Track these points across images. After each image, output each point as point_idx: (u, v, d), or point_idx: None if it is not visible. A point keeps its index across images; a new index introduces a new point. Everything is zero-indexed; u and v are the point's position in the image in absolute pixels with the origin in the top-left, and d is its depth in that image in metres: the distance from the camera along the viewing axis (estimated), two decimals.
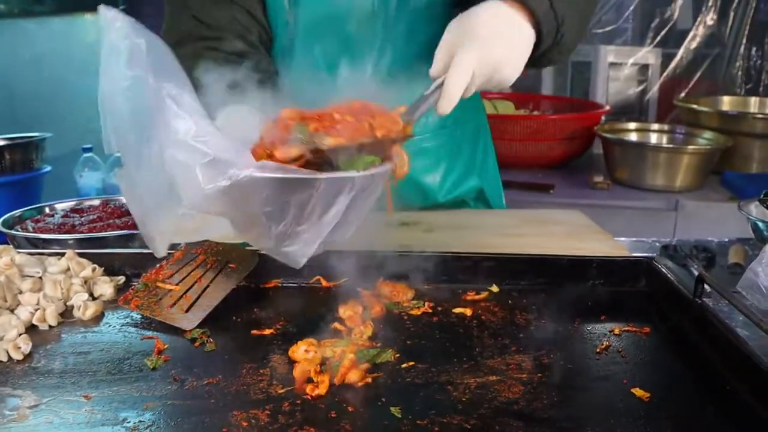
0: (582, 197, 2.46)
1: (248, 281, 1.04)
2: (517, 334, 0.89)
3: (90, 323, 0.94)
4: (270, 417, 0.70)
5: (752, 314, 0.78)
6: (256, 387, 0.76)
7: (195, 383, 0.78)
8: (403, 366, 0.81)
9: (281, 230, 0.78)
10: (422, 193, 1.45)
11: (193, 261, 1.01)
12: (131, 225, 1.23)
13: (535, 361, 0.82)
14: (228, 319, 0.94)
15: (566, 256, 1.06)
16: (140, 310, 0.94)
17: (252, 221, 0.80)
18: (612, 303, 1.00)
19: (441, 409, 0.71)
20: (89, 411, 0.72)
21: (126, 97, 0.77)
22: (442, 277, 1.05)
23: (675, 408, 0.73)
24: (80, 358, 0.84)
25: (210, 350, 0.86)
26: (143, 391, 0.76)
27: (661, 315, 0.95)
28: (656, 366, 0.82)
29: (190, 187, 0.73)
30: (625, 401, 0.73)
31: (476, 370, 0.80)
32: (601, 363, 0.82)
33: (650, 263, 1.04)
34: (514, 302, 0.99)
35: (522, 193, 2.51)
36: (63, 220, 1.26)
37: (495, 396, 0.74)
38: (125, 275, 1.07)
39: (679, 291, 0.93)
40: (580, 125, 2.77)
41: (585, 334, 0.90)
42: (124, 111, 0.78)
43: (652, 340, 0.88)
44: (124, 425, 0.69)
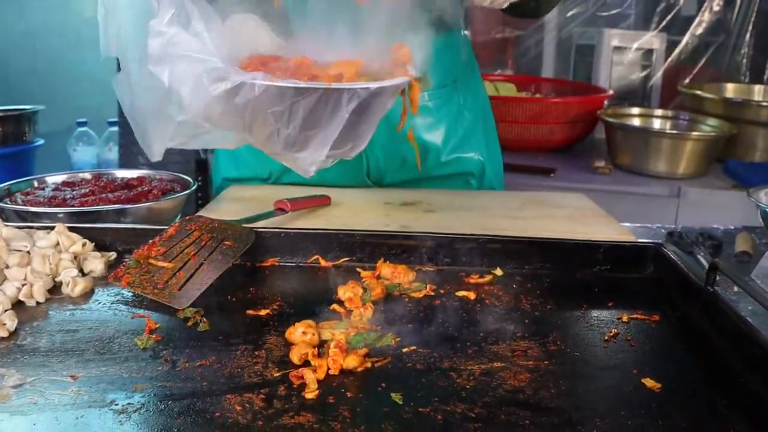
0: (583, 182, 2.43)
1: (244, 259, 1.00)
2: (522, 320, 0.86)
3: (79, 300, 0.91)
4: (265, 401, 0.67)
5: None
6: (251, 370, 0.73)
7: (187, 365, 0.74)
8: (404, 350, 0.78)
9: (290, 133, 0.80)
10: (421, 151, 1.43)
11: (187, 237, 0.98)
12: (124, 200, 1.19)
13: (542, 347, 0.79)
14: (223, 298, 0.91)
15: (573, 240, 1.03)
16: (131, 287, 0.90)
17: (258, 123, 0.81)
18: (619, 289, 0.97)
19: (444, 396, 0.68)
20: (76, 392, 0.69)
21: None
22: (445, 259, 1.02)
23: (686, 400, 0.70)
24: (68, 336, 0.81)
25: (203, 330, 0.82)
26: (133, 372, 0.73)
27: (670, 303, 0.92)
28: (666, 355, 0.79)
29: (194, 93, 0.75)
30: (635, 392, 0.70)
31: (480, 356, 0.77)
32: (610, 351, 0.79)
33: (659, 249, 1.01)
34: (519, 287, 0.96)
35: (522, 176, 2.47)
36: (54, 194, 1.22)
37: (500, 384, 0.71)
38: (117, 251, 1.04)
39: (689, 279, 0.90)
40: (583, 109, 2.73)
41: (592, 320, 0.87)
42: (128, 13, 0.78)
43: (662, 329, 0.85)
44: (112, 407, 0.66)
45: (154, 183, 1.30)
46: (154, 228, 1.05)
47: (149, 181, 1.31)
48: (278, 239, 1.04)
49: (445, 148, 1.47)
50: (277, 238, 1.04)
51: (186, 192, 1.24)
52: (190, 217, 1.04)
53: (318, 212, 1.29)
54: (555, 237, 1.05)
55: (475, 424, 0.64)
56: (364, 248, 1.03)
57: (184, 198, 1.24)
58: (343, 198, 1.36)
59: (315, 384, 0.70)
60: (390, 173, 1.48)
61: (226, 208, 1.31)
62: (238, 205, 1.33)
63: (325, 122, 0.81)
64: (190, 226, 1.00)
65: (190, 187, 1.27)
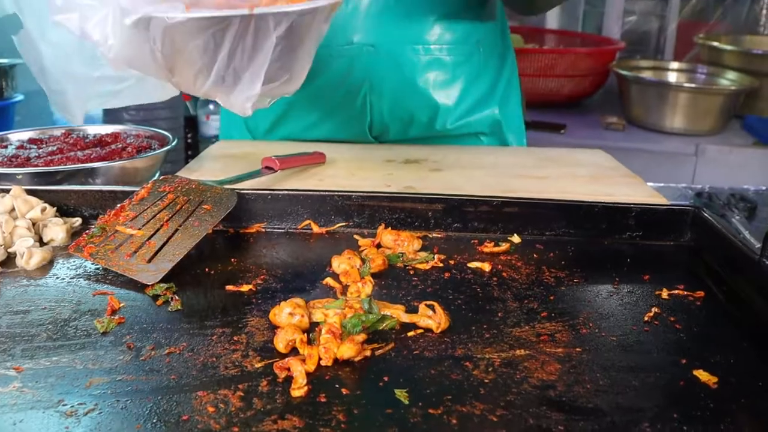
0: (595, 138, 2.31)
1: (225, 225, 0.88)
2: (546, 297, 0.74)
3: (35, 274, 0.79)
4: (243, 400, 0.56)
5: None
6: (228, 359, 0.61)
7: (153, 353, 0.63)
8: (410, 335, 0.66)
9: (218, 67, 0.77)
10: (432, 109, 1.31)
11: (161, 201, 0.85)
12: (95, 158, 1.06)
13: (572, 331, 0.67)
14: (199, 271, 0.79)
15: (600, 202, 0.90)
16: (94, 258, 0.78)
17: (181, 62, 0.78)
18: (654, 260, 0.85)
19: (458, 393, 0.57)
20: (18, 388, 0.57)
21: None
22: (455, 224, 0.90)
23: (749, 396, 0.58)
24: (17, 318, 0.69)
25: (174, 310, 0.70)
26: (88, 363, 0.61)
27: (715, 276, 0.80)
28: (718, 341, 0.67)
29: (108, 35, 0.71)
30: (687, 387, 0.59)
31: (500, 341, 0.65)
32: (652, 336, 0.67)
33: (698, 214, 0.88)
34: (540, 256, 0.84)
35: (530, 132, 2.33)
36: (16, 152, 1.09)
37: (525, 377, 0.59)
38: (82, 217, 0.92)
39: (739, 249, 0.78)
40: (593, 61, 2.59)
41: (627, 297, 0.75)
42: None
43: (709, 308, 0.73)
44: (58, 408, 0.55)
45: (129, 140, 1.16)
46: (125, 190, 0.92)
47: (124, 138, 1.17)
48: (264, 202, 0.91)
49: (455, 111, 1.34)
50: (264, 200, 0.91)
51: (163, 149, 1.11)
52: (164, 177, 0.91)
53: (311, 171, 1.16)
54: (579, 199, 0.92)
55: (497, 430, 0.52)
56: (363, 212, 0.91)
57: (162, 156, 1.11)
58: (340, 155, 1.23)
59: (304, 378, 0.58)
60: (395, 129, 1.35)
61: (208, 167, 1.19)
62: (223, 163, 1.21)
63: (253, 52, 0.76)
64: (164, 188, 0.88)
65: (169, 143, 1.14)
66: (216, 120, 2.66)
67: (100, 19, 0.72)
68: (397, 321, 0.68)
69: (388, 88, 1.28)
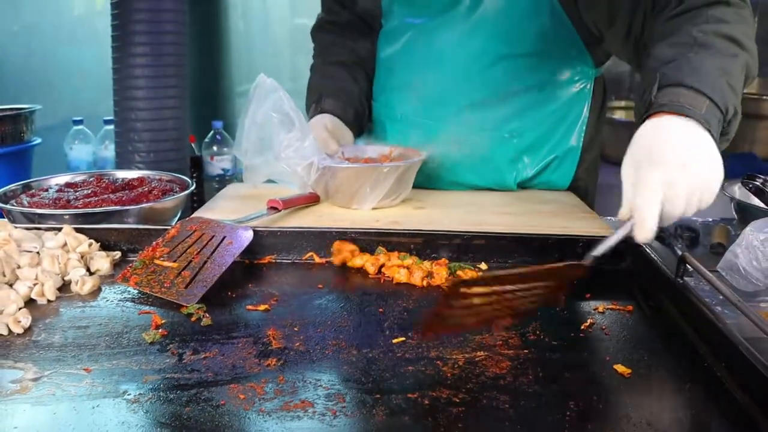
0: None
1: (243, 257, 1.06)
2: (505, 312, 0.92)
3: (88, 298, 0.96)
4: (265, 390, 0.73)
5: (731, 295, 0.81)
6: (252, 361, 0.79)
7: (192, 357, 0.80)
8: (394, 342, 0.83)
9: (360, 192, 1.36)
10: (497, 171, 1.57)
11: (189, 238, 1.03)
12: (126, 201, 1.25)
13: (522, 338, 0.85)
14: (223, 294, 0.96)
15: (553, 235, 1.09)
16: (139, 287, 0.96)
17: (342, 188, 1.38)
18: (597, 281, 1.02)
19: (431, 383, 0.74)
20: (90, 383, 0.74)
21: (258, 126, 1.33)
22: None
23: (655, 384, 0.76)
24: (79, 332, 0.86)
25: (206, 325, 0.88)
26: (142, 365, 0.78)
27: (644, 293, 0.98)
28: (638, 343, 0.85)
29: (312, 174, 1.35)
30: (607, 377, 0.76)
31: (465, 346, 0.82)
32: (585, 340, 0.85)
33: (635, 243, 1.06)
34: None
35: None
36: (58, 195, 1.27)
37: (483, 371, 0.77)
38: (121, 250, 1.09)
39: (661, 270, 0.96)
40: None
41: (570, 312, 0.93)
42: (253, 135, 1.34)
43: (635, 318, 0.91)
44: (125, 397, 0.72)
45: (153, 183, 1.35)
46: (156, 228, 1.10)
47: (149, 182, 1.36)
48: (275, 237, 1.10)
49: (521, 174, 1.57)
50: (274, 236, 1.09)
51: (186, 192, 1.30)
52: (189, 218, 1.09)
53: (310, 209, 1.35)
54: (536, 232, 1.11)
55: (458, 408, 0.70)
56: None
57: (184, 198, 1.30)
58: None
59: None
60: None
61: (222, 207, 1.37)
62: (234, 203, 1.39)
63: (375, 185, 1.35)
64: (190, 227, 1.06)
65: (188, 187, 1.33)
66: (219, 160, 2.83)
67: (306, 166, 1.34)
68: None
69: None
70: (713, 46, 1.00)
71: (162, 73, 2.32)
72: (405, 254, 1.05)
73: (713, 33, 1.02)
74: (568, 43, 1.42)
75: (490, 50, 1.41)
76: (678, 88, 0.96)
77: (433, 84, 1.48)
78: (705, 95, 0.95)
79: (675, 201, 0.89)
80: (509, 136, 1.48)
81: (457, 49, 1.44)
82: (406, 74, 1.52)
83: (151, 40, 2.28)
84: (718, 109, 0.95)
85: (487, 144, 1.49)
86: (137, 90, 2.30)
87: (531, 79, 1.44)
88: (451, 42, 1.44)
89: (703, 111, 0.94)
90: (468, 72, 1.44)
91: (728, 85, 0.97)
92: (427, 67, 1.48)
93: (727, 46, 1.01)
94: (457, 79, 1.45)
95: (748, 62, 1.03)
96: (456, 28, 1.43)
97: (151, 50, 2.28)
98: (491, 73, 1.43)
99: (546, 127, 1.49)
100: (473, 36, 1.41)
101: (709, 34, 1.02)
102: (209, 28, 3.11)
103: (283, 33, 3.13)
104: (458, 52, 1.44)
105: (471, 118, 1.47)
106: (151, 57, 2.29)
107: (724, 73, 0.98)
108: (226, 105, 3.15)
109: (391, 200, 1.38)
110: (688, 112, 0.93)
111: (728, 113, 0.97)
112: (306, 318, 0.90)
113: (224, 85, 3.16)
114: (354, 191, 1.35)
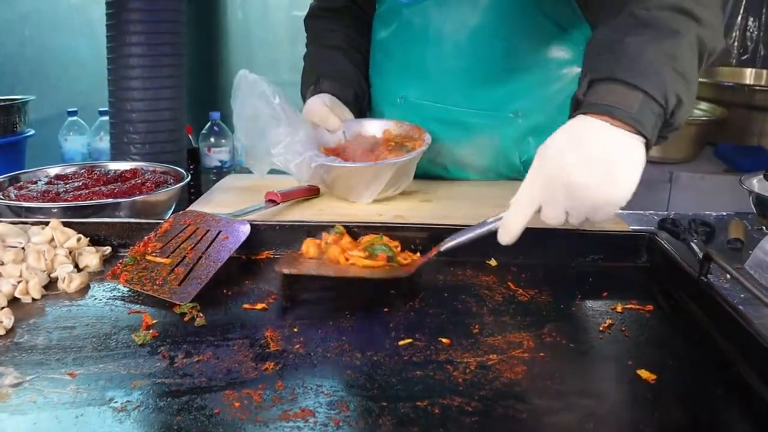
0: None
1: (239, 252, 1.00)
2: (517, 312, 0.87)
3: (75, 296, 0.91)
4: (262, 397, 0.67)
5: (764, 295, 0.76)
6: (248, 365, 0.74)
7: (185, 360, 0.75)
8: (400, 344, 0.78)
9: (357, 187, 1.30)
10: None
11: (182, 232, 0.98)
12: (118, 193, 1.19)
13: (537, 340, 0.79)
14: (218, 292, 0.91)
15: (567, 230, 1.03)
16: (130, 284, 0.90)
17: (337, 183, 1.31)
18: (613, 279, 0.97)
19: (441, 389, 0.69)
20: (74, 390, 0.69)
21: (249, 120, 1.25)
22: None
23: (681, 390, 0.70)
24: (65, 333, 0.81)
25: (200, 325, 0.83)
26: (131, 369, 0.73)
27: (663, 292, 0.93)
28: (661, 346, 0.79)
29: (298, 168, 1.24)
30: (631, 384, 0.71)
31: (476, 348, 0.77)
32: (605, 342, 0.80)
33: (652, 238, 1.01)
34: (513, 277, 0.97)
35: None
36: (47, 188, 1.22)
37: (496, 377, 0.71)
38: (111, 245, 1.04)
39: (682, 268, 0.91)
40: None
41: (587, 311, 0.88)
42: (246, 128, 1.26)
43: (656, 319, 0.86)
44: (110, 405, 0.66)
45: (147, 175, 1.29)
46: (149, 222, 1.05)
47: (142, 174, 1.30)
48: (273, 231, 1.04)
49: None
50: (272, 230, 1.04)
51: (180, 184, 1.24)
52: (183, 212, 1.04)
53: (310, 202, 1.29)
54: (549, 227, 1.05)
55: (472, 417, 0.64)
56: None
57: (179, 190, 1.24)
58: None
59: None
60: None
61: (219, 199, 1.31)
62: (232, 195, 1.34)
63: (374, 179, 1.28)
64: (184, 221, 1.00)
65: (183, 179, 1.27)
66: (216, 152, 2.78)
67: (298, 162, 1.23)
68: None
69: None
70: (655, 25, 0.90)
71: (158, 63, 2.26)
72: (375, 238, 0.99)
73: (657, 7, 0.91)
74: (570, 18, 1.37)
75: (488, 25, 1.35)
76: (610, 84, 0.88)
77: (433, 63, 1.41)
78: (639, 89, 0.86)
79: (550, 215, 0.88)
80: (514, 116, 1.42)
81: (455, 25, 1.38)
82: (404, 55, 1.46)
83: (147, 29, 2.22)
84: (656, 103, 0.87)
85: (491, 124, 1.43)
86: (132, 80, 2.24)
87: (533, 56, 1.39)
88: (448, 18, 1.38)
89: (635, 110, 0.86)
90: (467, 48, 1.38)
91: (674, 71, 0.88)
92: (425, 46, 1.41)
93: (674, 21, 0.90)
94: (456, 56, 1.39)
95: (700, 36, 0.91)
96: (452, 3, 1.37)
97: (146, 39, 2.22)
98: (491, 49, 1.37)
99: (551, 108, 1.43)
100: (471, 11, 1.36)
101: (652, 9, 0.91)
102: (207, 18, 3.05)
103: (282, 23, 3.07)
104: (457, 28, 1.37)
105: (473, 97, 1.41)
106: (146, 46, 2.23)
107: (668, 58, 0.88)
108: (224, 96, 3.09)
109: (391, 191, 1.32)
110: (616, 113, 0.85)
111: (669, 105, 0.88)
112: (306, 317, 0.85)
113: (222, 75, 3.10)
114: (350, 187, 1.29)
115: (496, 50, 1.37)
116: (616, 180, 0.84)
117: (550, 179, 0.86)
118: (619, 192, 0.84)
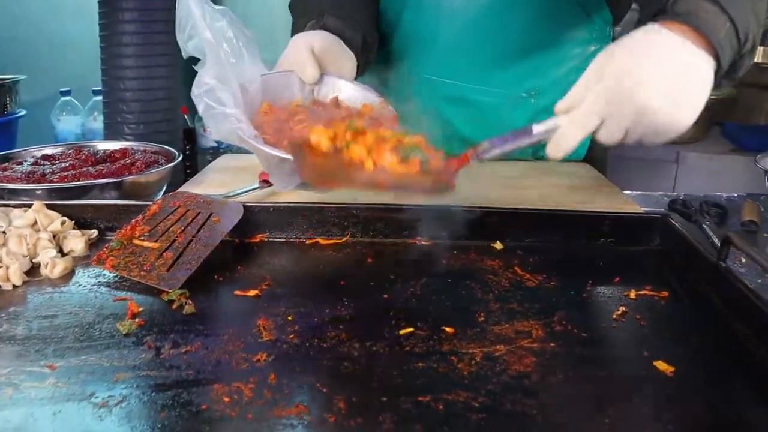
0: None
1: (231, 235, 0.95)
2: (525, 298, 0.82)
3: (58, 282, 0.86)
4: (254, 392, 0.63)
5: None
6: (239, 356, 0.69)
7: (172, 351, 0.70)
8: (401, 333, 0.73)
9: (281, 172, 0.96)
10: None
11: (172, 215, 0.93)
12: (106, 173, 1.14)
13: (547, 328, 0.75)
14: (209, 278, 0.86)
15: (576, 211, 0.98)
16: (116, 270, 0.85)
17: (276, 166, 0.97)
18: (625, 263, 0.93)
19: (445, 383, 0.64)
20: (53, 384, 0.64)
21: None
22: (441, 232, 0.98)
23: (701, 384, 0.66)
24: (46, 322, 0.76)
25: (189, 314, 0.78)
26: (114, 361, 0.68)
27: (679, 277, 0.88)
28: (678, 335, 0.75)
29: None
30: (647, 376, 0.66)
31: (482, 338, 0.72)
32: (618, 331, 0.75)
33: (666, 220, 0.96)
34: (520, 261, 0.92)
35: None
36: (32, 168, 1.17)
37: (504, 369, 0.67)
38: (98, 229, 0.99)
39: (700, 253, 0.86)
40: None
41: (598, 297, 0.83)
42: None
43: (671, 306, 0.81)
44: (91, 400, 0.62)
45: (137, 155, 1.24)
46: (138, 204, 1.00)
47: (132, 154, 1.25)
48: (267, 213, 0.99)
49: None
50: (266, 212, 0.99)
51: (170, 165, 1.19)
52: (173, 193, 0.99)
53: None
54: (557, 208, 1.00)
55: (478, 414, 0.60)
56: (357, 222, 0.99)
57: (170, 170, 1.19)
58: None
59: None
60: None
61: (212, 180, 1.26)
62: (225, 176, 1.29)
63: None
64: (174, 203, 0.95)
65: (175, 159, 1.22)
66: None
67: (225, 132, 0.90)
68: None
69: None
70: None
71: (152, 41, 2.19)
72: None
73: None
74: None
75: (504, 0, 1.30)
76: (700, 1, 0.79)
77: (445, 38, 1.35)
78: (728, 15, 0.78)
79: (608, 133, 0.79)
80: (526, 95, 1.37)
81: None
82: (415, 28, 1.40)
83: (140, 5, 2.16)
84: (737, 37, 0.79)
85: (503, 103, 1.37)
86: (126, 58, 2.17)
87: (548, 34, 1.33)
88: None
89: (722, 35, 0.78)
90: (481, 23, 1.32)
91: (752, 11, 0.81)
92: (437, 19, 1.35)
93: None
94: (469, 31, 1.33)
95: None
96: None
97: (140, 16, 2.16)
98: (506, 25, 1.31)
99: (564, 88, 1.37)
100: None
101: None
102: None
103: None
104: (471, 2, 1.31)
105: (486, 75, 1.36)
106: (140, 23, 2.16)
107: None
108: None
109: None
110: (705, 30, 0.77)
111: (746, 44, 0.81)
112: (301, 305, 0.80)
113: None
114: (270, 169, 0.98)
115: (512, 26, 1.31)
116: (686, 107, 0.77)
117: (619, 95, 0.77)
118: (685, 121, 0.77)
